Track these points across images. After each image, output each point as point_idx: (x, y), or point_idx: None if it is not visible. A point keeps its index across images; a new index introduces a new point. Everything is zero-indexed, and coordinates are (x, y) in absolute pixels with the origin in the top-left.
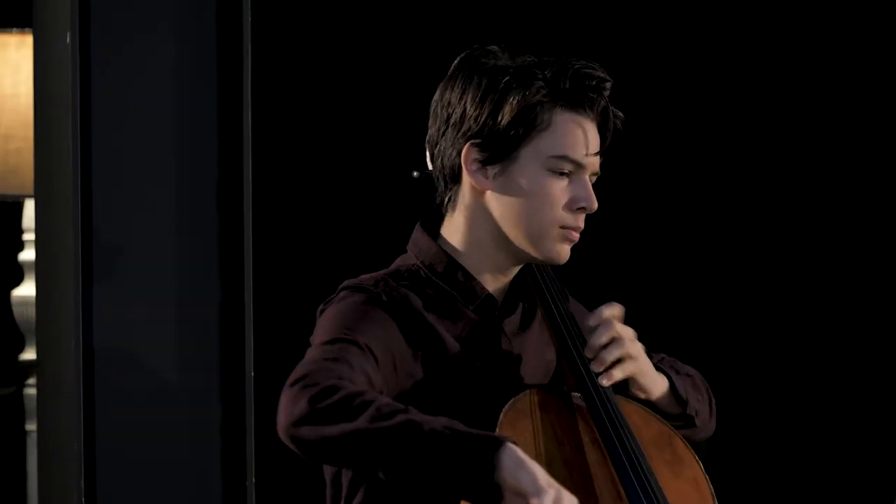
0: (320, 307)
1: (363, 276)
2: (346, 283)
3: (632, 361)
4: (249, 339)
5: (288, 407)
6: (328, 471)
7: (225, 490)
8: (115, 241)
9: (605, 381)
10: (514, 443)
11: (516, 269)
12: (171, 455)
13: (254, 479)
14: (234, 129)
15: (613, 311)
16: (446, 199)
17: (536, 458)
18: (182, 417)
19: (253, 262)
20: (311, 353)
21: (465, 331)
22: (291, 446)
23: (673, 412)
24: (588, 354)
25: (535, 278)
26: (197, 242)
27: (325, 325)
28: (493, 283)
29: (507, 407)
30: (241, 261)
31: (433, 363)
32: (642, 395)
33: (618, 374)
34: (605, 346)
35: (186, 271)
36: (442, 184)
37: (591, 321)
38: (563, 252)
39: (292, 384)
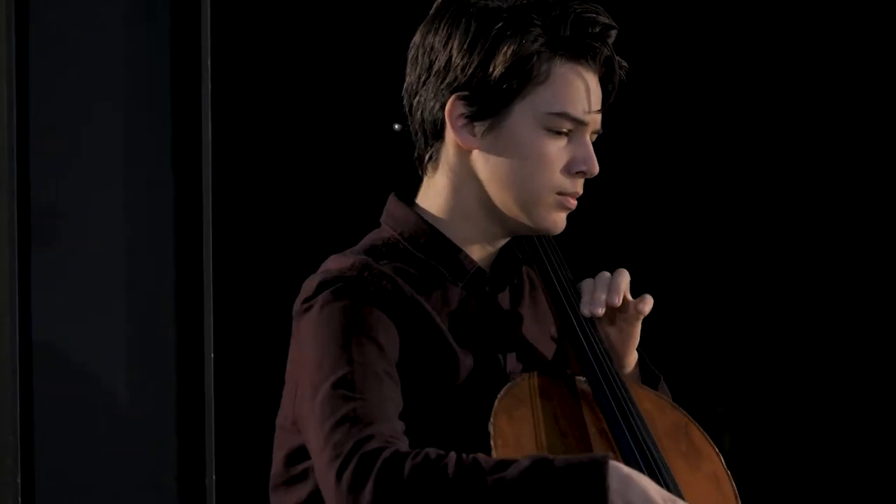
0: (297, 306)
1: (336, 263)
2: (322, 277)
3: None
4: (209, 323)
5: (347, 497)
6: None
7: (181, 489)
8: (56, 212)
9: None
10: (613, 458)
11: (505, 240)
12: (119, 456)
13: (214, 477)
14: (191, 103)
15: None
16: (426, 158)
17: (537, 451)
18: (134, 411)
19: (213, 242)
20: (327, 403)
21: (457, 311)
22: None
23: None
24: (583, 296)
25: (532, 245)
26: (152, 228)
27: (320, 347)
28: (481, 253)
29: (502, 393)
30: (200, 244)
31: (429, 353)
32: (621, 347)
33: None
34: (605, 290)
35: (140, 257)
36: (422, 140)
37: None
38: (559, 221)
39: (341, 468)
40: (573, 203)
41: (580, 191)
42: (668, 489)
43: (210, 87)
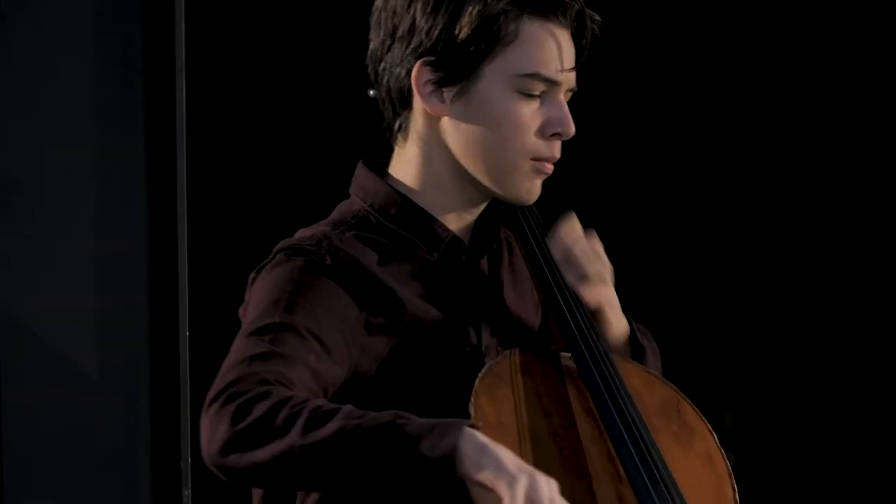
0: (252, 274)
1: (301, 233)
2: (281, 243)
3: (606, 287)
4: (183, 303)
5: (209, 431)
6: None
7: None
8: (15, 185)
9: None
10: (475, 426)
11: (483, 206)
12: (91, 440)
13: (189, 460)
14: (164, 73)
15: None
16: (395, 127)
17: (519, 432)
18: (106, 393)
19: (188, 219)
20: (236, 348)
21: (429, 284)
22: (220, 476)
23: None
24: (554, 254)
25: (513, 214)
26: (124, 206)
27: (256, 302)
28: (456, 222)
29: (483, 372)
30: (174, 220)
31: (395, 331)
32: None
33: (590, 295)
34: (584, 255)
35: (112, 234)
36: (389, 108)
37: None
38: (535, 189)
39: (212, 400)
40: (550, 168)
41: (557, 155)
42: (659, 471)
43: (184, 57)
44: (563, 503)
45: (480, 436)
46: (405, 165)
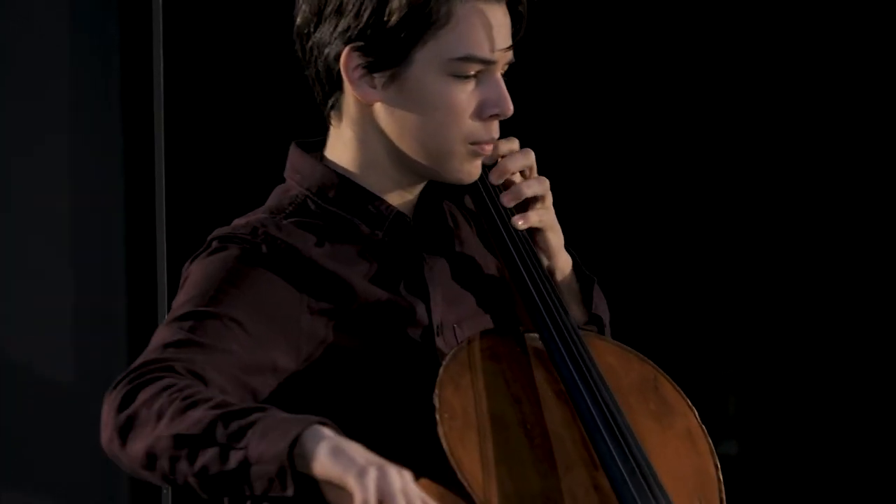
0: (187, 264)
1: (236, 222)
2: (216, 231)
3: (547, 211)
4: (162, 290)
5: (103, 417)
6: None
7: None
8: None
9: (520, 223)
10: (326, 423)
11: (423, 183)
12: (67, 427)
13: None
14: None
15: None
16: (327, 108)
17: (488, 421)
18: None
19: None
20: (155, 335)
21: (375, 264)
22: (113, 459)
23: (574, 313)
24: (494, 179)
25: (473, 189)
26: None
27: (185, 290)
28: (399, 200)
29: (447, 360)
30: (153, 198)
31: (342, 315)
32: (543, 248)
33: (533, 217)
34: (521, 176)
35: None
36: (319, 89)
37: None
38: (474, 170)
39: (113, 386)
40: (489, 149)
41: (496, 135)
42: (633, 455)
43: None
44: (418, 493)
45: (328, 431)
46: (341, 147)
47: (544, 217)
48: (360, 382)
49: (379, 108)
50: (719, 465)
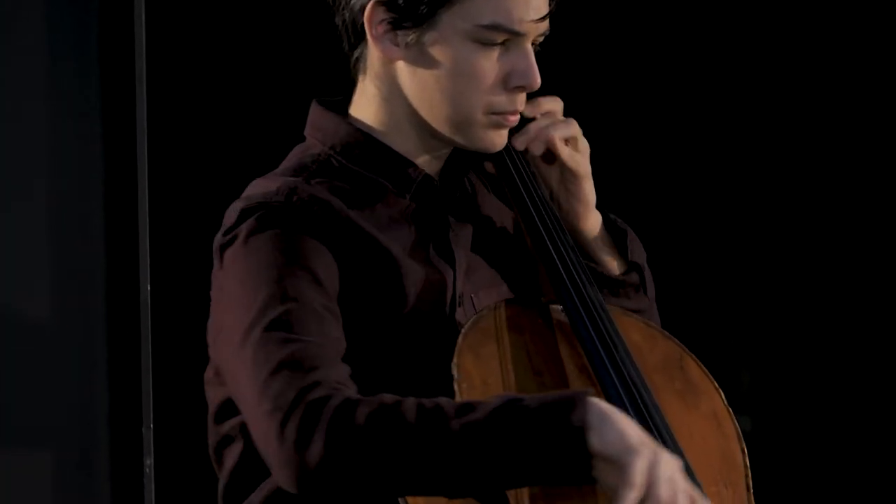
0: (219, 238)
1: (260, 186)
2: (244, 202)
3: (581, 155)
4: (144, 257)
5: (296, 455)
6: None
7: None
8: None
9: (529, 145)
10: (592, 394)
11: (450, 148)
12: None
13: (152, 426)
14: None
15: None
16: (353, 60)
17: (505, 392)
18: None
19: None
20: (260, 348)
21: (404, 228)
22: (316, 497)
23: (609, 266)
24: (518, 145)
25: (497, 155)
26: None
27: (248, 282)
28: (426, 162)
29: (466, 327)
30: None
31: (371, 279)
32: (572, 215)
33: (565, 152)
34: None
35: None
36: (345, 40)
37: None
38: (498, 140)
39: (283, 421)
40: (513, 120)
41: (520, 107)
42: (659, 434)
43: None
44: (685, 484)
45: (603, 404)
46: (365, 104)
47: (580, 161)
48: (382, 353)
49: (401, 66)
50: (746, 451)
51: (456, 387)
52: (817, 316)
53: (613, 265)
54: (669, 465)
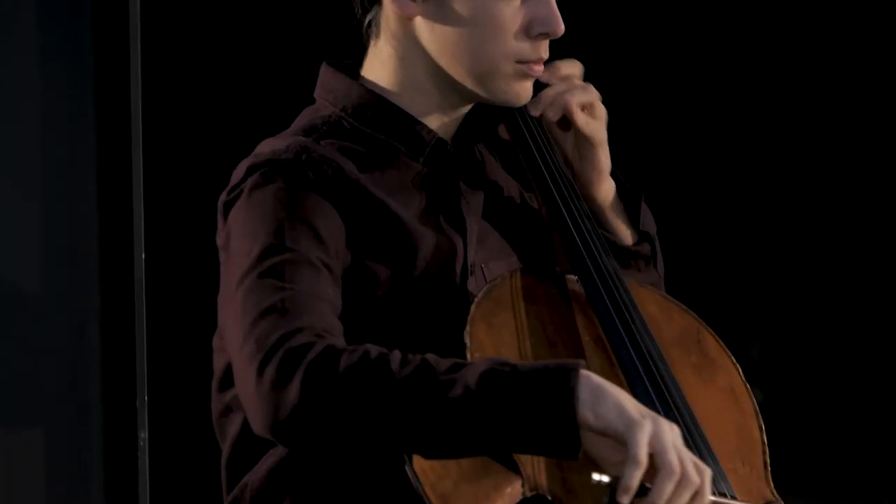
0: (223, 196)
1: (270, 145)
2: (252, 159)
3: (598, 122)
4: (139, 222)
5: (271, 399)
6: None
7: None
8: None
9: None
10: (584, 366)
11: (466, 109)
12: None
13: (146, 398)
14: None
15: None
16: (365, 23)
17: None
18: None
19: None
20: (252, 293)
21: (416, 193)
22: (286, 444)
23: (621, 235)
24: (533, 111)
25: (510, 115)
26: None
27: (246, 233)
28: (439, 124)
29: (480, 296)
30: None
31: (383, 246)
32: (585, 182)
33: (581, 118)
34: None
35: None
36: (357, 3)
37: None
38: (523, 92)
39: (263, 363)
40: (538, 70)
41: (545, 55)
42: (677, 407)
43: None
44: (687, 451)
45: (596, 377)
46: (379, 66)
47: (596, 128)
48: (391, 321)
49: (419, 22)
50: (763, 428)
51: (468, 356)
52: (829, 288)
53: (626, 234)
54: (671, 433)
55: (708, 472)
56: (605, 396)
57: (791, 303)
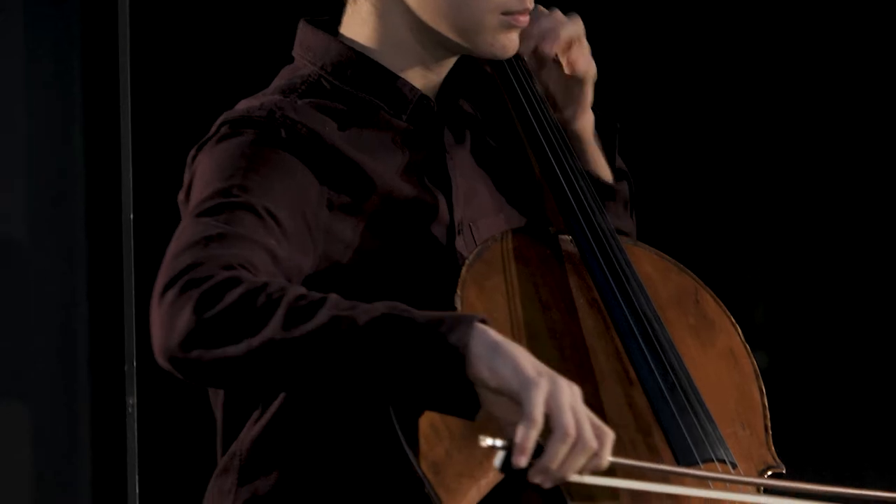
0: (193, 151)
1: (246, 103)
2: (226, 115)
3: (586, 56)
4: (127, 184)
5: (165, 322)
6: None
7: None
8: None
9: (570, 70)
10: (485, 320)
11: (450, 64)
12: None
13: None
14: None
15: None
16: None
17: (513, 328)
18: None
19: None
20: (185, 230)
21: (397, 152)
22: (177, 373)
23: (602, 171)
24: (523, 49)
25: (501, 71)
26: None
27: (202, 180)
28: (422, 81)
29: (470, 259)
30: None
31: (362, 210)
32: (567, 116)
33: (582, 63)
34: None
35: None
36: None
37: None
38: (510, 44)
39: (166, 287)
40: (524, 21)
41: (530, 6)
42: (673, 370)
43: None
44: (587, 411)
45: (493, 333)
46: (358, 23)
47: (587, 61)
48: (375, 286)
49: None
50: (764, 390)
51: None
52: (834, 247)
53: (606, 171)
54: (569, 393)
55: (609, 436)
56: (502, 353)
57: (796, 265)
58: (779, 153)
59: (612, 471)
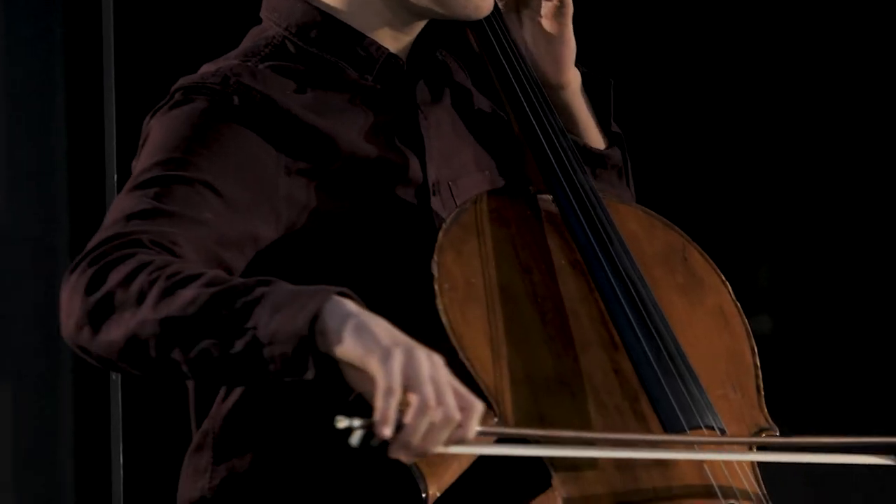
0: (147, 119)
1: (205, 68)
2: (181, 80)
3: (566, 18)
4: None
5: (66, 302)
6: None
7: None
8: None
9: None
10: (346, 294)
11: (421, 24)
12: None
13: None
14: None
15: None
16: None
17: (493, 293)
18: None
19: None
20: (117, 203)
21: (363, 113)
22: (78, 351)
23: (589, 137)
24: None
25: (478, 27)
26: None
27: (148, 149)
28: (391, 41)
29: (447, 223)
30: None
31: (326, 174)
32: (550, 70)
33: (553, 25)
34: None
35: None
36: None
37: None
38: (483, 4)
39: (74, 265)
40: None
41: None
42: (659, 334)
43: None
44: (450, 380)
45: (351, 305)
46: None
47: (564, 10)
48: (347, 251)
49: None
50: (756, 350)
51: (436, 286)
52: (839, 209)
53: (596, 137)
54: (428, 363)
55: (476, 407)
56: (356, 325)
57: (798, 224)
58: (786, 112)
59: (590, 441)
